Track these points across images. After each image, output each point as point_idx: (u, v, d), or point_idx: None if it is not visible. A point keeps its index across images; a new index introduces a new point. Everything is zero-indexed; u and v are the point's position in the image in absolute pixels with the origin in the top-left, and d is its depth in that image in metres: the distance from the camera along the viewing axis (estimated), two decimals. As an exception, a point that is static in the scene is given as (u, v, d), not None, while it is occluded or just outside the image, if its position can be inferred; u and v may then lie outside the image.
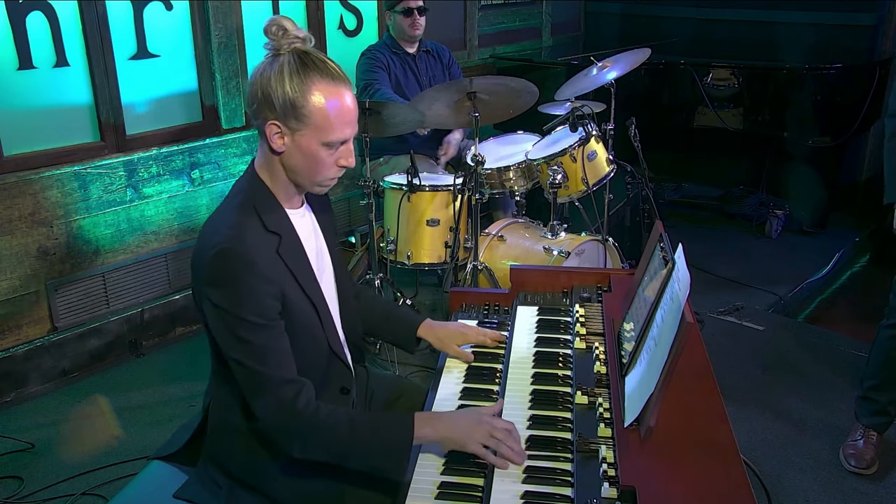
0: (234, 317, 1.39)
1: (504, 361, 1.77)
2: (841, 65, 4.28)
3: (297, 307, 1.49)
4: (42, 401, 3.12)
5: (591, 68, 3.54)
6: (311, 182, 1.51)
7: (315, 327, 1.56)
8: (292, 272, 1.49)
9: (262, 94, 1.41)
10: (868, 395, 2.68)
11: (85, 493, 2.56)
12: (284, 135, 1.44)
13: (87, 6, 3.16)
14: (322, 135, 1.43)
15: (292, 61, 1.41)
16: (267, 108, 1.42)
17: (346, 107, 1.44)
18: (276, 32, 1.41)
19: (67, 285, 3.25)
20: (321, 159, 1.46)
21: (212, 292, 1.40)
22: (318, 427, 1.42)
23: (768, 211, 4.82)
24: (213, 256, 1.39)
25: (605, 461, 1.31)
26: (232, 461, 1.55)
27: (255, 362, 1.41)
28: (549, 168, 3.26)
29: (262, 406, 1.43)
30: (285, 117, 1.41)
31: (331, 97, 1.42)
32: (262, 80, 1.41)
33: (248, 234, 1.43)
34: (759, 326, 3.63)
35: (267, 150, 1.48)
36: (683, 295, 1.30)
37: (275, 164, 1.49)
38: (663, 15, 5.84)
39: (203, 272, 1.42)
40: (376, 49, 3.71)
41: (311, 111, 1.41)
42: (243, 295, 1.39)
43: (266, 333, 1.42)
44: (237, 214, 1.46)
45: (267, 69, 1.42)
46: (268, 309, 1.42)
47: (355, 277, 3.67)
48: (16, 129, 3.07)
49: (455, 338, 1.81)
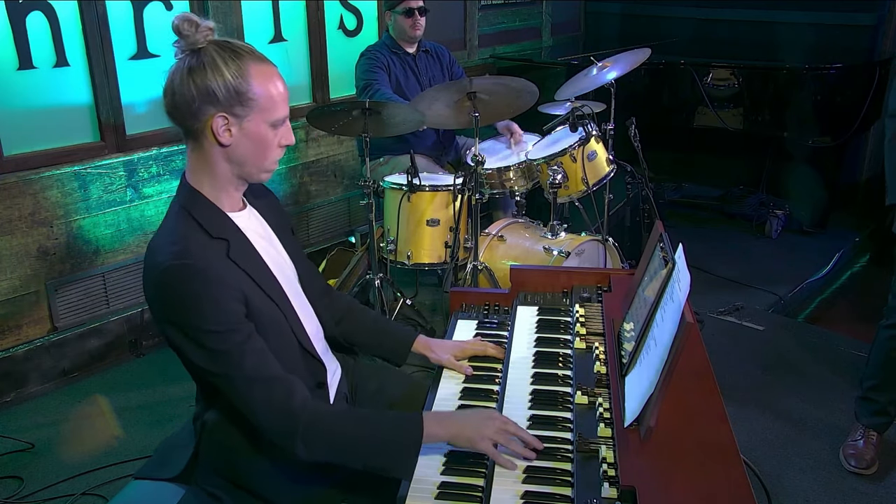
0: (200, 330, 1.35)
1: (504, 361, 1.76)
2: (841, 65, 4.28)
3: (260, 309, 1.45)
4: (42, 401, 3.12)
5: (591, 68, 3.54)
6: (258, 169, 1.48)
7: (282, 326, 1.52)
8: (248, 274, 1.45)
9: (201, 91, 1.38)
10: (868, 395, 2.68)
11: (85, 493, 2.56)
12: (231, 125, 1.41)
13: (87, 6, 3.16)
14: (267, 115, 1.43)
15: (221, 50, 1.39)
16: (209, 104, 1.39)
17: (281, 84, 1.46)
18: (189, 28, 1.39)
19: (67, 285, 3.25)
20: (268, 141, 1.45)
21: (171, 314, 1.37)
22: (321, 428, 1.40)
23: (768, 211, 4.82)
24: (161, 276, 1.35)
25: (605, 461, 1.31)
26: (228, 474, 1.54)
27: (235, 369, 1.37)
28: (549, 168, 3.26)
29: (256, 411, 1.39)
30: (230, 106, 1.39)
31: (268, 77, 1.43)
32: (196, 78, 1.38)
33: (192, 245, 1.39)
34: (759, 326, 3.63)
35: (207, 150, 1.44)
36: (683, 295, 1.30)
37: (217, 163, 1.45)
38: (663, 15, 5.84)
39: (156, 296, 1.38)
40: (376, 49, 3.71)
41: (255, 94, 1.40)
42: (204, 307, 1.35)
43: (237, 337, 1.38)
44: (177, 229, 1.42)
45: (195, 66, 1.39)
46: (232, 314, 1.38)
47: (355, 277, 3.67)
48: (16, 129, 3.07)
49: (452, 349, 1.77)
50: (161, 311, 1.39)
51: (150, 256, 1.41)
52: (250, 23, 3.76)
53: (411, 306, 3.52)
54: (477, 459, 1.43)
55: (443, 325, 3.41)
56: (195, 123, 1.42)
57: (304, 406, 1.40)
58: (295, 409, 1.39)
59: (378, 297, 3.25)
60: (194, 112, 1.40)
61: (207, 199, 1.47)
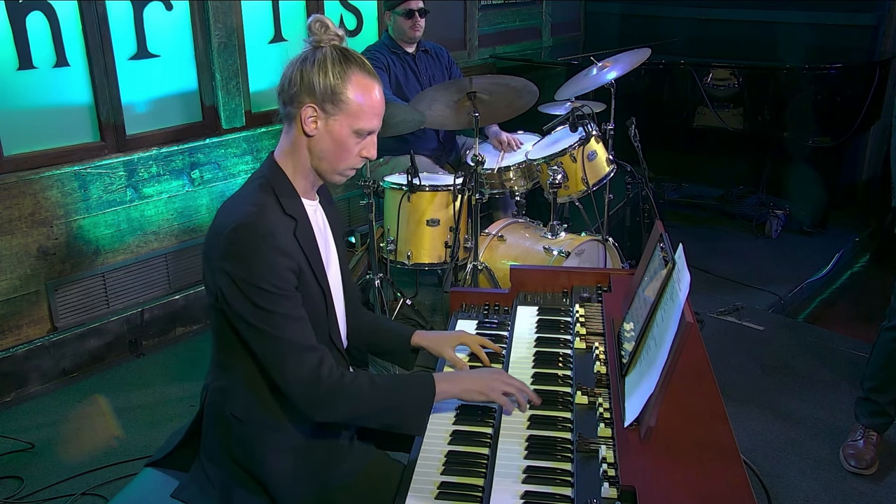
0: (255, 287, 1.43)
1: (504, 361, 1.77)
2: (841, 65, 4.28)
3: (307, 290, 1.54)
4: (42, 401, 3.12)
5: (591, 68, 3.54)
6: (333, 169, 1.58)
7: (320, 314, 1.59)
8: (306, 256, 1.54)
9: (303, 79, 1.51)
10: (869, 395, 2.68)
11: (85, 493, 2.56)
12: (319, 119, 1.52)
13: (87, 6, 3.16)
14: (354, 121, 1.53)
15: (335, 54, 1.52)
16: (305, 93, 1.51)
17: (377, 100, 1.56)
18: (318, 28, 1.53)
19: (67, 285, 3.25)
20: (349, 146, 1.55)
21: (230, 265, 1.44)
22: (342, 392, 1.47)
23: (768, 211, 4.82)
24: (231, 231, 1.44)
25: (605, 461, 1.31)
26: (228, 451, 1.55)
27: (276, 330, 1.44)
28: (549, 168, 3.26)
29: (286, 374, 1.46)
30: (323, 101, 1.51)
31: (366, 89, 1.53)
32: (305, 67, 1.51)
33: (268, 212, 1.49)
34: (759, 326, 3.63)
35: (294, 135, 1.55)
36: (683, 295, 1.30)
37: (300, 150, 1.56)
38: (663, 15, 5.84)
39: (220, 247, 1.46)
40: (375, 49, 3.71)
41: (347, 98, 1.51)
42: (263, 265, 1.44)
43: (285, 302, 1.46)
44: (257, 195, 1.52)
45: (310, 57, 1.52)
46: (285, 280, 1.47)
47: (355, 277, 3.67)
48: (16, 129, 3.07)
49: (451, 340, 1.80)
50: (220, 261, 1.46)
51: (223, 215, 1.52)
52: (250, 23, 3.76)
53: (411, 306, 3.52)
54: (477, 459, 1.43)
55: (443, 325, 3.41)
56: (291, 107, 1.54)
57: (331, 374, 1.47)
58: (322, 376, 1.46)
59: (378, 297, 3.25)
60: (292, 96, 1.52)
61: (288, 179, 1.58)
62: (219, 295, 1.48)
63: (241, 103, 3.75)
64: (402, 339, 1.83)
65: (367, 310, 1.95)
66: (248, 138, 3.76)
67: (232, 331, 1.50)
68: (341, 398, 1.48)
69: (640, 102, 4.52)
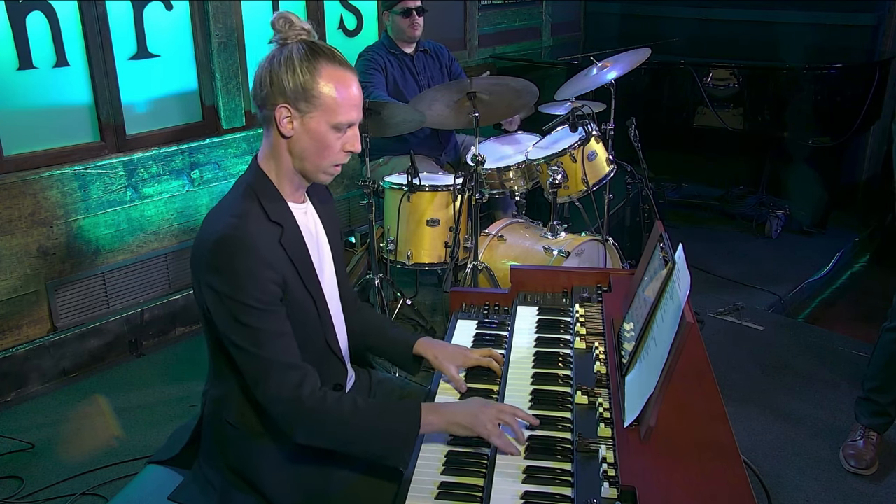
0: (236, 301, 1.40)
1: (504, 361, 1.77)
2: (841, 65, 4.28)
3: (295, 299, 1.51)
4: (42, 401, 3.12)
5: (591, 68, 3.54)
6: (317, 168, 1.53)
7: (312, 321, 1.57)
8: (293, 263, 1.51)
9: (273, 80, 1.46)
10: (869, 396, 2.68)
11: (85, 493, 2.56)
12: (294, 118, 1.48)
13: (87, 6, 3.16)
14: (331, 116, 1.48)
15: (301, 49, 1.47)
16: (277, 93, 1.46)
17: (352, 91, 1.50)
18: (283, 25, 1.48)
19: (67, 285, 3.25)
20: (329, 142, 1.50)
21: (213, 278, 1.42)
22: (324, 414, 1.44)
23: (768, 211, 4.82)
24: (214, 243, 1.41)
25: (605, 461, 1.31)
26: (225, 457, 1.55)
27: (257, 347, 1.42)
28: (549, 168, 3.26)
29: (266, 391, 1.43)
30: (295, 100, 1.46)
31: (338, 81, 1.48)
32: (273, 67, 1.47)
33: (251, 222, 1.46)
34: (759, 326, 3.63)
35: (273, 138, 1.51)
36: (683, 295, 1.30)
37: (281, 152, 1.52)
38: (663, 15, 5.84)
39: (204, 259, 1.43)
40: (373, 50, 3.70)
41: (320, 93, 1.46)
42: (245, 280, 1.40)
43: (268, 318, 1.43)
44: (240, 204, 1.49)
45: (277, 56, 1.47)
46: (269, 294, 1.43)
47: (355, 278, 3.67)
48: (16, 129, 3.07)
49: (455, 358, 1.76)
50: (204, 274, 1.44)
51: (208, 224, 1.49)
52: (250, 23, 3.76)
53: (411, 306, 3.52)
54: (477, 460, 1.43)
55: (443, 325, 3.41)
56: (266, 110, 1.50)
57: (312, 394, 1.44)
58: (302, 396, 1.43)
59: (378, 297, 3.25)
60: (265, 99, 1.48)
61: (273, 182, 1.54)
62: (206, 308, 1.46)
63: (241, 103, 3.75)
64: (406, 347, 1.80)
65: (370, 308, 1.94)
66: (248, 138, 3.76)
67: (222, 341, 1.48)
68: (321, 419, 1.44)
69: (640, 102, 4.52)
